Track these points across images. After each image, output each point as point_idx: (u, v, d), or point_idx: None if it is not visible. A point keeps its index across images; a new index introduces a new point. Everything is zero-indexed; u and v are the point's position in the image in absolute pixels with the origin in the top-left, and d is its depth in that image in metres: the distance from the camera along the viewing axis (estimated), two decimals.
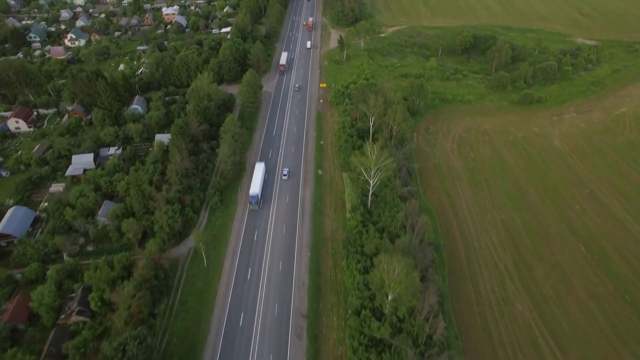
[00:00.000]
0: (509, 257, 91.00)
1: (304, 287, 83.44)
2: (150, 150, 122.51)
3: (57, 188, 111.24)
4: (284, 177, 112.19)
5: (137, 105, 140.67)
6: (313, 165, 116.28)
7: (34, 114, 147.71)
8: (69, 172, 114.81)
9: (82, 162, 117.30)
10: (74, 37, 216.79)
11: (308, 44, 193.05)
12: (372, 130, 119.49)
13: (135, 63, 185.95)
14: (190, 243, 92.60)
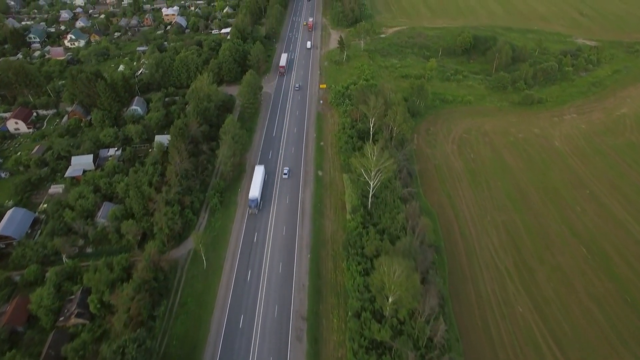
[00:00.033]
0: (510, 258, 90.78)
1: (304, 289, 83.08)
2: (150, 152, 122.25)
3: (56, 189, 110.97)
4: (284, 176, 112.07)
5: (136, 106, 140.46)
6: (313, 167, 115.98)
7: (34, 115, 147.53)
8: (69, 173, 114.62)
9: (81, 163, 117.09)
10: (74, 37, 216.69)
11: (308, 44, 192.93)
12: (372, 131, 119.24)
13: (135, 64, 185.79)
14: (190, 245, 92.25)
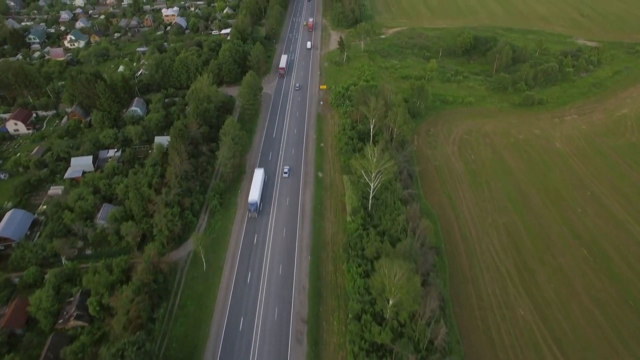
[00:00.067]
0: (511, 260, 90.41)
1: (304, 291, 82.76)
2: (150, 153, 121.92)
3: (55, 191, 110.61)
4: (285, 174, 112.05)
5: (136, 107, 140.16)
6: (313, 168, 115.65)
7: (33, 116, 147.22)
8: (68, 174, 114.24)
9: (81, 164, 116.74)
10: (74, 38, 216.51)
11: (308, 44, 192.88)
12: (372, 133, 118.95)
13: (135, 64, 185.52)
14: (190, 246, 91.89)
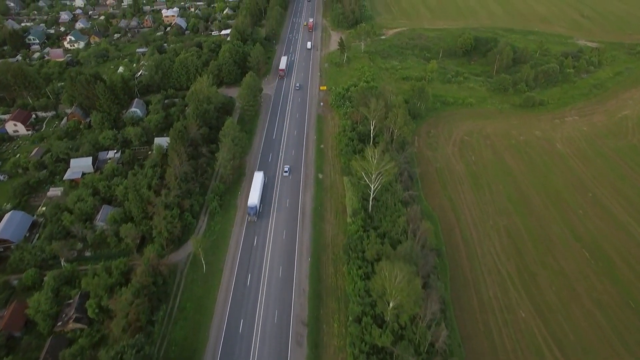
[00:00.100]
0: (512, 263, 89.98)
1: (305, 293, 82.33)
2: (149, 154, 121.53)
3: (55, 192, 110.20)
4: (285, 173, 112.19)
5: (136, 109, 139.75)
6: (313, 169, 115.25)
7: (33, 117, 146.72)
8: (67, 176, 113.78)
9: (80, 165, 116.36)
10: (73, 39, 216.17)
11: (308, 45, 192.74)
12: (372, 134, 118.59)
13: (135, 65, 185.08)
14: (189, 248, 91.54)
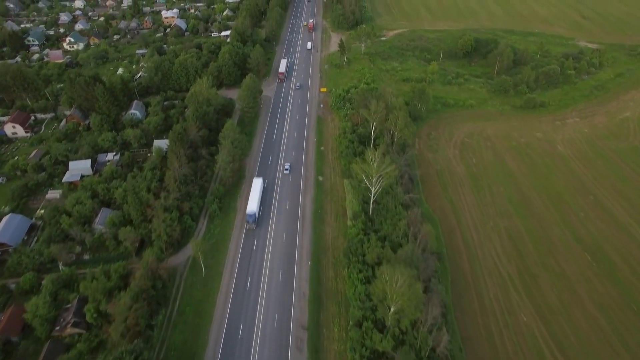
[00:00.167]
0: (513, 265, 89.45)
1: (305, 297, 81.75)
2: (149, 157, 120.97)
3: (53, 195, 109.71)
4: (286, 171, 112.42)
5: (135, 110, 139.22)
6: (314, 172, 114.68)
7: (31, 119, 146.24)
8: (66, 178, 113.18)
9: (79, 168, 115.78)
10: (73, 40, 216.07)
11: (309, 45, 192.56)
12: (373, 136, 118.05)
13: (134, 67, 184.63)
14: (189, 252, 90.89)
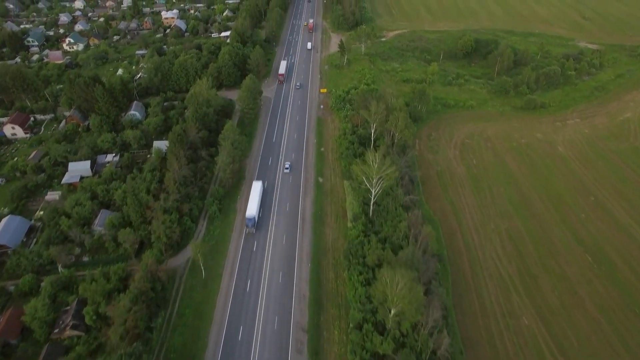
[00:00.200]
0: (514, 267, 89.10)
1: (305, 299, 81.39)
2: (148, 158, 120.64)
3: (53, 196, 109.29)
4: (286, 170, 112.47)
5: (135, 111, 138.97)
6: (314, 173, 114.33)
7: (31, 120, 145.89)
8: (65, 179, 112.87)
9: (78, 169, 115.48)
10: (73, 41, 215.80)
11: (309, 45, 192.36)
12: (373, 137, 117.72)
13: (134, 68, 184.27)
14: (188, 253, 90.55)
